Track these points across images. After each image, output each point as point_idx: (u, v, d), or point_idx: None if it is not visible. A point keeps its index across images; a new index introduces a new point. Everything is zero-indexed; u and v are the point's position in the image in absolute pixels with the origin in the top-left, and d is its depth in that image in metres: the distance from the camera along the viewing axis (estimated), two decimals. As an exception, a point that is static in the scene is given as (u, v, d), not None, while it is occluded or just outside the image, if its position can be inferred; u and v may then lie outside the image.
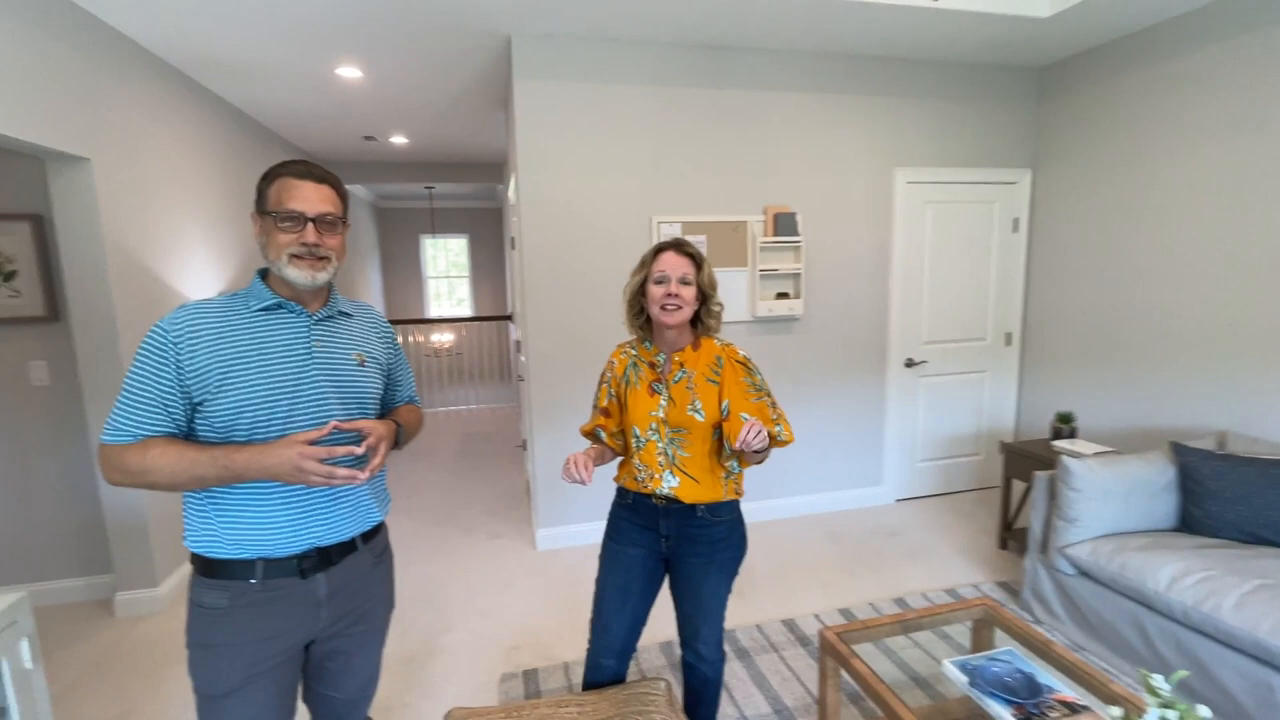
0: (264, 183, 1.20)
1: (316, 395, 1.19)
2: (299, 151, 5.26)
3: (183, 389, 1.11)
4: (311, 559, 1.20)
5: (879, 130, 3.46)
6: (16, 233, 2.64)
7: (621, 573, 1.59)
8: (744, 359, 1.54)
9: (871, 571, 2.98)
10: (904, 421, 3.76)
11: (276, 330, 1.19)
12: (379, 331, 1.38)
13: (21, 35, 2.15)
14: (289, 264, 1.17)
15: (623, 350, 1.64)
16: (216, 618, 1.16)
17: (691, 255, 1.52)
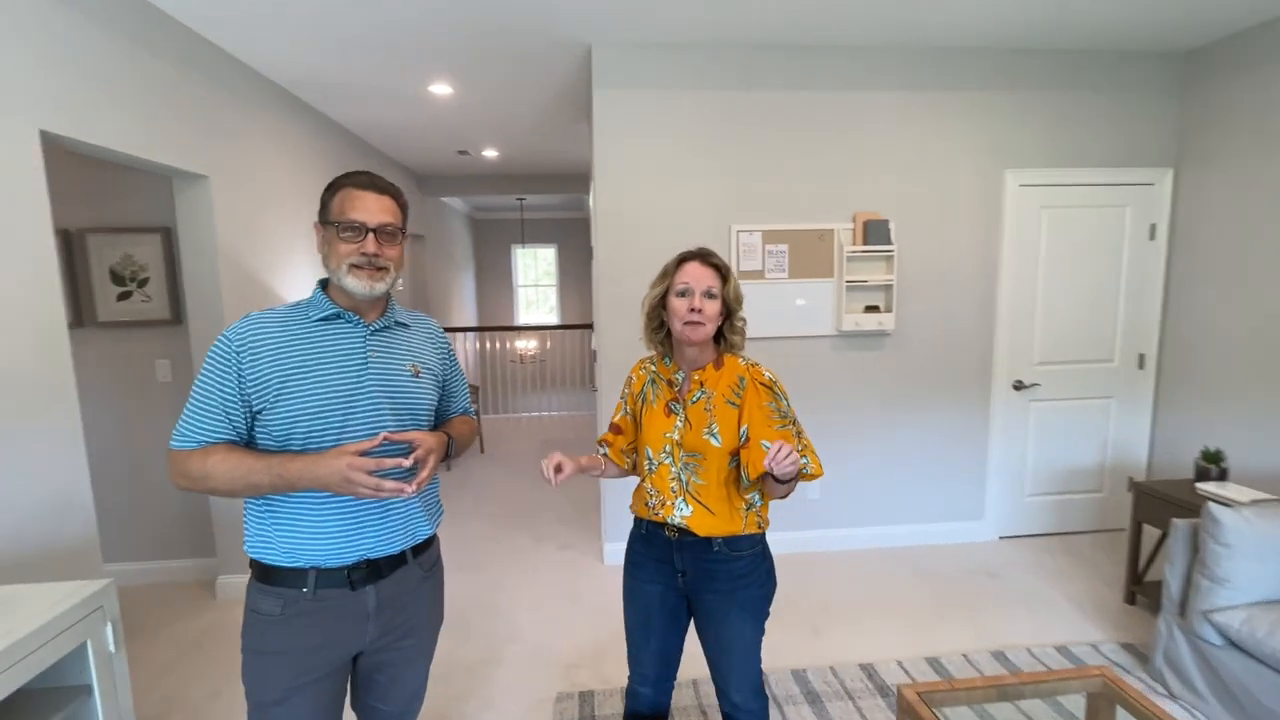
0: (328, 193, 1.21)
1: (370, 405, 1.19)
2: (395, 165, 5.57)
3: (243, 397, 1.13)
4: (361, 570, 1.20)
5: (986, 129, 3.14)
6: (148, 244, 2.93)
7: (640, 609, 1.51)
8: (769, 381, 1.41)
9: (966, 616, 2.68)
10: (1011, 450, 3.38)
11: (333, 340, 1.19)
12: (434, 342, 1.38)
13: (157, 68, 2.37)
14: (348, 274, 1.17)
15: (642, 366, 1.55)
16: (269, 624, 1.18)
17: (717, 266, 1.40)
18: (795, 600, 2.83)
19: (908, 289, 3.19)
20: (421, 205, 6.40)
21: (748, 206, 3.09)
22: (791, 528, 3.31)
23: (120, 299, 2.95)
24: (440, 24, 2.67)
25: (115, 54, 2.17)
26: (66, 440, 1.95)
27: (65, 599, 1.34)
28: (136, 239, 2.92)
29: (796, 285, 3.14)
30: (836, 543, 3.32)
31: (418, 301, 6.45)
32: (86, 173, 2.85)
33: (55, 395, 1.91)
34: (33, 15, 1.86)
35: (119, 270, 2.93)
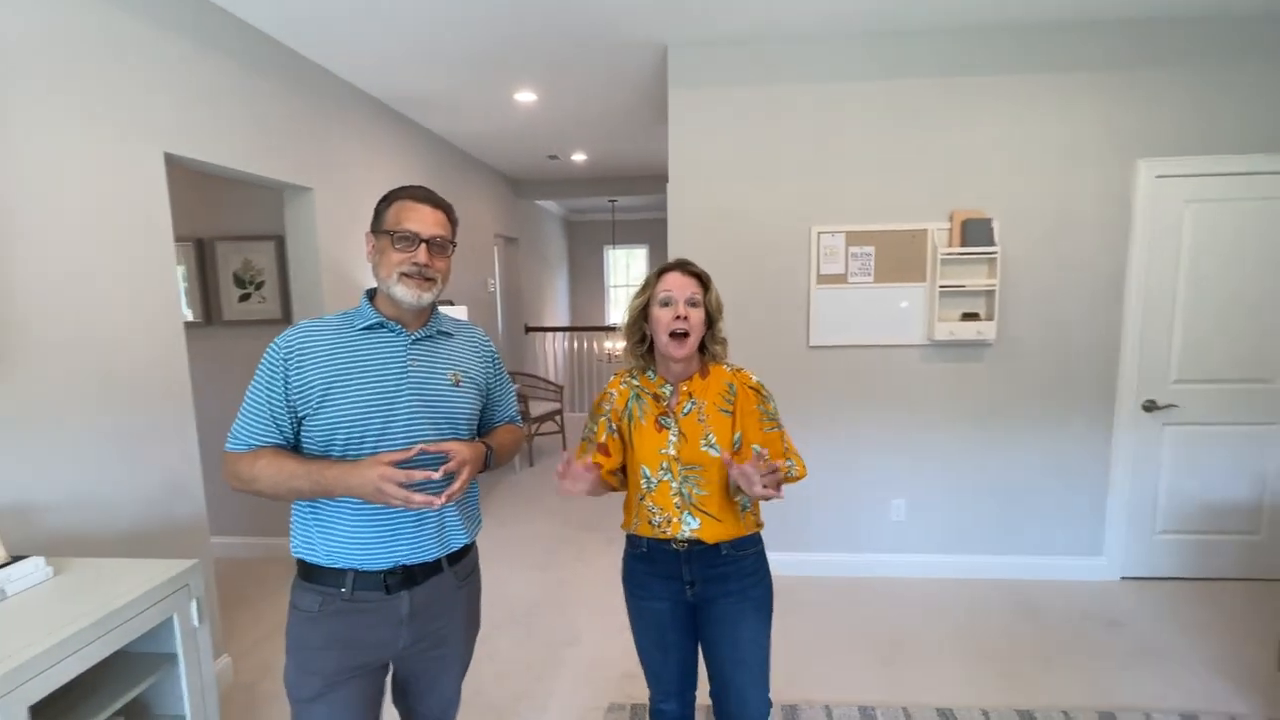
0: (383, 204, 1.26)
1: (408, 414, 1.21)
2: (490, 171, 5.80)
3: (289, 403, 1.18)
4: (397, 576, 1.22)
5: (1114, 113, 2.76)
6: (264, 250, 3.24)
7: (652, 627, 1.48)
8: (757, 385, 1.43)
9: (1074, 667, 2.36)
10: (1139, 480, 2.95)
11: (375, 349, 1.22)
12: (479, 352, 1.39)
13: (265, 88, 2.61)
14: (398, 282, 1.20)
15: (622, 380, 1.48)
16: (308, 621, 1.23)
17: (698, 275, 1.40)
18: (867, 628, 2.64)
19: (1013, 295, 2.87)
20: (515, 208, 6.63)
21: (830, 206, 2.91)
22: (868, 549, 3.09)
23: (241, 300, 3.29)
24: (520, 35, 2.73)
25: (227, 78, 2.40)
26: (180, 431, 2.18)
27: (157, 576, 1.49)
28: (255, 246, 3.24)
29: (883, 290, 2.92)
30: (920, 569, 3.06)
31: (510, 302, 6.71)
32: (215, 187, 3.19)
33: (173, 391, 2.14)
34: (152, 47, 2.08)
35: (240, 274, 3.26)
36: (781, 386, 3.05)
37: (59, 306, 1.76)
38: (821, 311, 2.95)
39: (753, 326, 2.97)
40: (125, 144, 1.96)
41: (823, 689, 2.25)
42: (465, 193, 4.98)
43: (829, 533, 3.10)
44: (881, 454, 3.03)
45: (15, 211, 1.64)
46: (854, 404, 3.01)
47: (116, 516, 1.92)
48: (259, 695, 2.29)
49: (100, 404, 1.87)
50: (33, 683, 1.16)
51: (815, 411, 3.01)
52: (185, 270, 3.27)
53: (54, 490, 1.73)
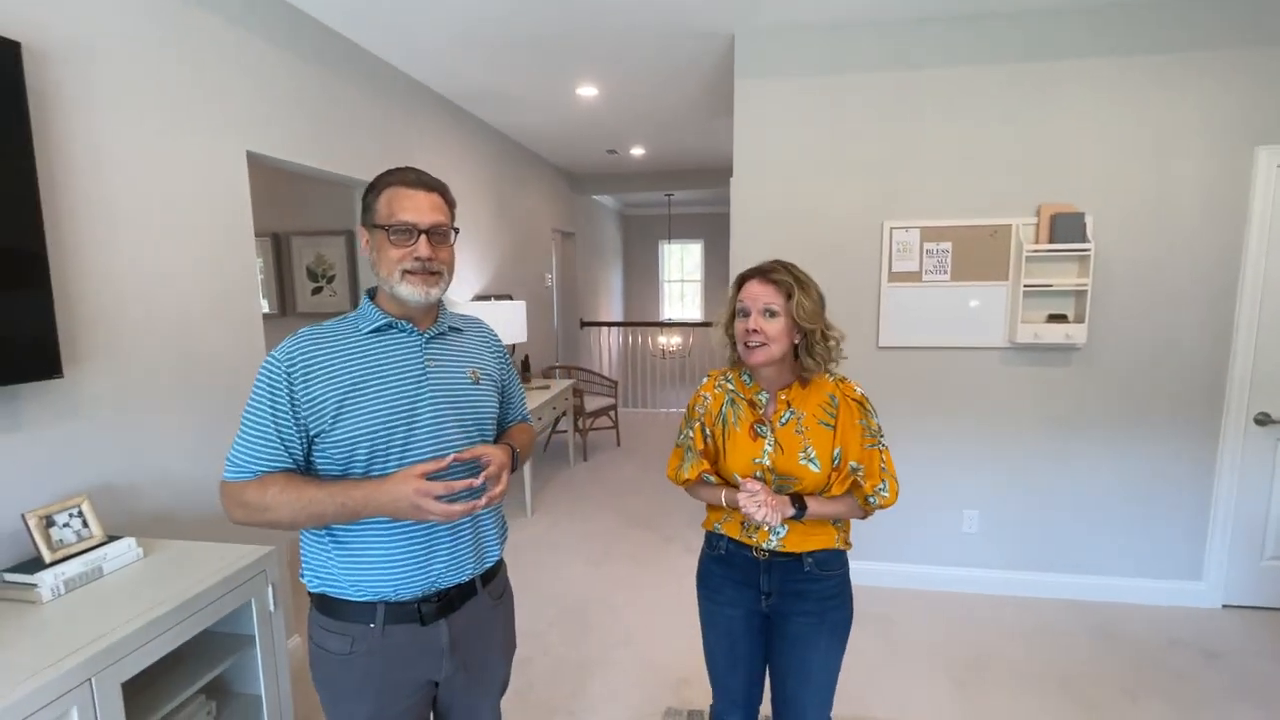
0: (371, 194, 1.11)
1: (433, 417, 1.11)
2: (548, 166, 5.83)
3: (298, 421, 1.05)
4: (432, 603, 1.12)
5: (1228, 96, 2.51)
6: (335, 245, 3.35)
7: (724, 635, 1.42)
8: (861, 397, 1.34)
9: (1167, 703, 2.18)
10: (1247, 499, 2.70)
11: (388, 352, 1.11)
12: (490, 346, 1.30)
13: (336, 87, 2.68)
14: (402, 280, 1.08)
15: (716, 383, 1.42)
16: (341, 664, 1.11)
17: (778, 282, 1.28)
18: (939, 645, 2.51)
19: (1106, 295, 2.66)
20: (572, 203, 6.67)
21: (903, 200, 2.76)
22: (936, 562, 2.94)
23: (314, 293, 3.41)
24: (586, 26, 2.71)
25: (301, 76, 2.47)
26: (258, 417, 2.27)
27: (237, 561, 1.55)
28: (326, 241, 3.35)
29: (960, 289, 2.75)
30: (997, 585, 2.89)
31: (566, 296, 6.76)
32: (291, 184, 3.32)
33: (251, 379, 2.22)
34: (234, 48, 2.16)
35: (313, 268, 3.39)
36: (846, 388, 2.96)
37: (150, 296, 1.85)
38: (893, 311, 2.81)
39: (818, 325, 2.86)
40: (211, 142, 2.05)
41: (891, 708, 2.15)
42: (524, 187, 5.03)
43: (894, 542, 2.97)
44: (953, 462, 2.88)
45: (113, 204, 1.73)
46: (925, 408, 2.86)
47: (197, 499, 2.01)
48: (326, 676, 2.37)
49: (185, 391, 1.96)
50: (126, 660, 1.22)
51: (883, 415, 2.82)
52: (263, 263, 3.42)
53: (142, 472, 1.82)
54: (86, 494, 1.56)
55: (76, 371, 1.62)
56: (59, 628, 1.24)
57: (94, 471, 1.67)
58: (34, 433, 1.53)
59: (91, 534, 1.49)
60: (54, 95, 1.57)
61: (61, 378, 1.52)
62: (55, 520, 1.44)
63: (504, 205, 4.42)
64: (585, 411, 5.15)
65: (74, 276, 1.62)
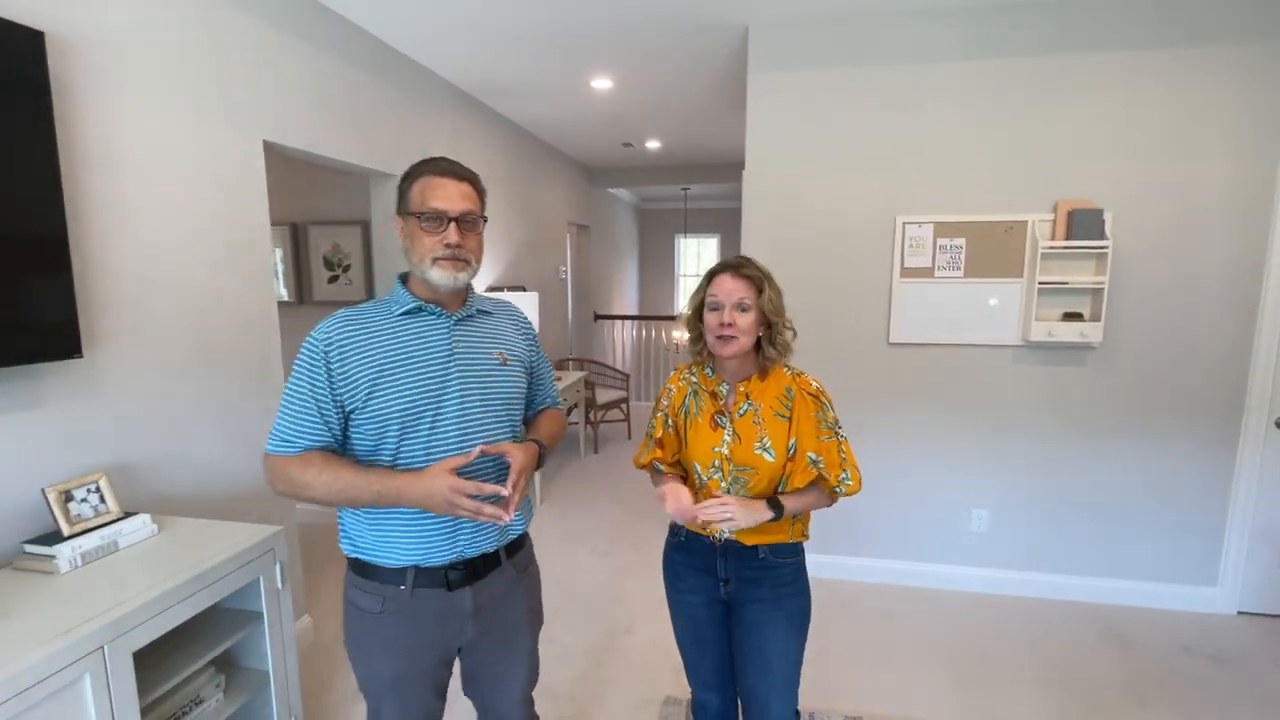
0: (406, 183, 1.17)
1: (459, 397, 1.17)
2: (565, 158, 5.85)
3: (335, 398, 1.12)
4: (459, 570, 1.19)
5: (1253, 90, 2.44)
6: (351, 235, 3.40)
7: (688, 621, 1.47)
8: (817, 391, 1.38)
9: (1174, 707, 2.15)
10: (1266, 504, 2.64)
11: (418, 334, 1.17)
12: (519, 328, 1.35)
13: (354, 78, 2.72)
14: (433, 266, 1.14)
15: (681, 376, 1.48)
16: (371, 622, 1.19)
17: (750, 277, 1.33)
18: (945, 644, 2.49)
19: (1124, 294, 2.61)
20: (589, 197, 6.68)
21: (917, 195, 2.73)
22: (944, 560, 2.92)
23: (330, 281, 3.47)
24: (597, 17, 2.71)
25: (320, 67, 2.51)
26: (271, 403, 2.31)
27: (247, 539, 1.59)
28: (343, 230, 3.40)
29: (973, 286, 2.72)
30: (1005, 586, 2.86)
31: (580, 289, 6.78)
32: (309, 174, 3.37)
33: (265, 365, 2.28)
34: (254, 38, 2.20)
35: (329, 257, 3.45)
36: (859, 384, 2.94)
37: (168, 281, 1.89)
38: (904, 307, 2.79)
39: (830, 321, 2.85)
40: (229, 131, 2.09)
41: (894, 706, 2.15)
42: (540, 180, 5.05)
43: (900, 539, 2.95)
44: (963, 460, 2.85)
45: (133, 191, 1.78)
46: (936, 405, 2.84)
47: (212, 480, 2.06)
48: (337, 657, 2.42)
49: (201, 374, 2.02)
50: (138, 630, 1.26)
51: (894, 411, 2.86)
52: (281, 253, 3.48)
53: (157, 451, 1.87)
54: (104, 471, 1.61)
55: (96, 353, 1.67)
56: (75, 598, 1.29)
57: (111, 450, 1.73)
58: (55, 411, 1.58)
59: (108, 510, 1.54)
60: (76, 84, 1.62)
61: (81, 358, 1.57)
62: (74, 495, 1.49)
63: (520, 197, 4.44)
64: (597, 404, 5.18)
65: (94, 260, 1.67)
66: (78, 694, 1.15)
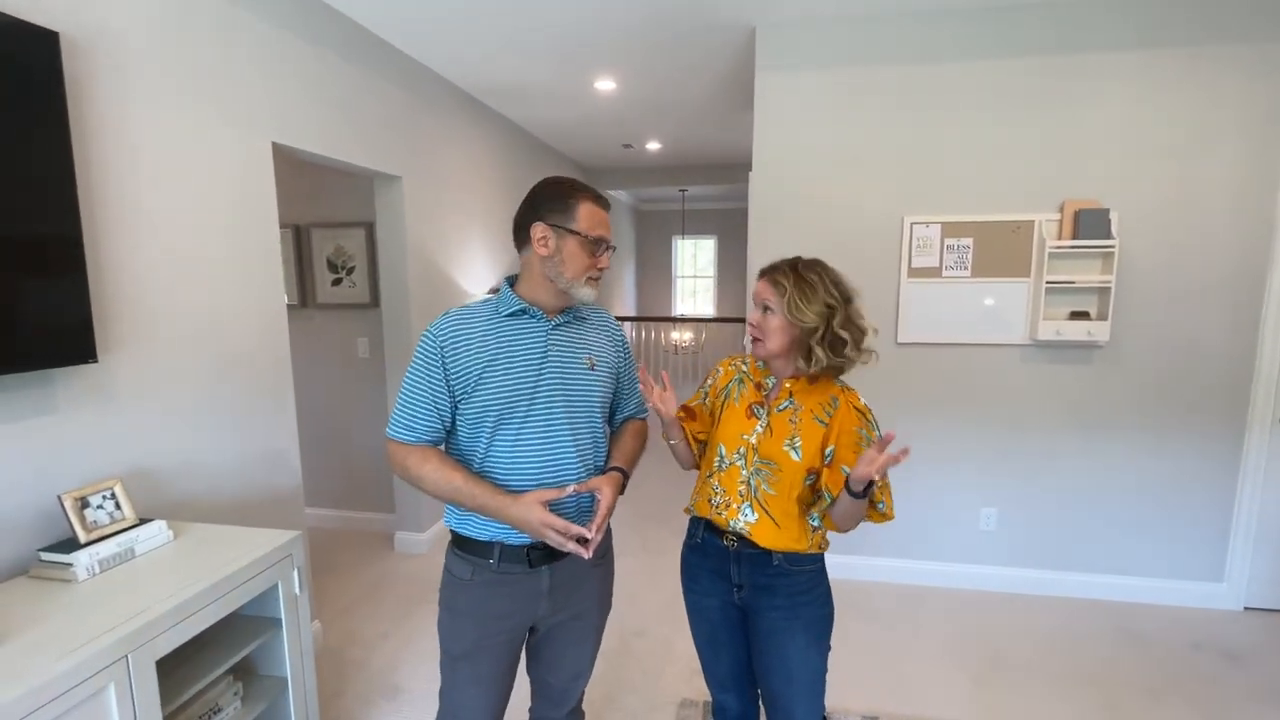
0: (568, 200, 1.25)
1: (547, 397, 1.25)
2: (564, 160, 5.83)
3: (449, 388, 1.23)
4: (539, 551, 1.27)
5: (1259, 89, 2.46)
6: (355, 237, 3.37)
7: (704, 622, 1.45)
8: (864, 407, 1.35)
9: (1189, 705, 2.16)
10: (1270, 500, 2.66)
11: (520, 335, 1.26)
12: (610, 336, 1.41)
13: (361, 79, 2.70)
14: (585, 284, 1.26)
15: (732, 362, 1.50)
16: (461, 587, 1.30)
17: (776, 282, 1.31)
18: (957, 643, 2.50)
19: (1130, 293, 2.63)
20: (588, 198, 6.66)
21: (924, 195, 2.74)
22: (953, 559, 2.93)
23: (334, 284, 3.44)
24: (605, 18, 2.70)
25: (327, 70, 2.49)
26: (281, 407, 2.29)
27: (265, 544, 1.57)
28: (346, 232, 3.38)
29: (981, 285, 2.73)
30: (1015, 584, 2.87)
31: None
32: (312, 176, 3.34)
33: (275, 369, 2.26)
34: (261, 41, 2.18)
35: (333, 259, 3.42)
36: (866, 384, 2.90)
37: (176, 286, 1.87)
38: (912, 306, 2.80)
39: (836, 321, 2.85)
40: (238, 133, 2.07)
41: (909, 705, 2.15)
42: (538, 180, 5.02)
43: (910, 539, 2.95)
44: (972, 459, 2.86)
45: (146, 194, 1.76)
46: (944, 404, 2.85)
47: (223, 485, 2.04)
48: (348, 661, 2.40)
49: (211, 379, 1.99)
50: (160, 639, 1.24)
51: (902, 411, 2.87)
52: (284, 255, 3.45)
53: (170, 457, 1.85)
54: (119, 477, 1.59)
55: (111, 358, 1.65)
56: (94, 606, 1.27)
57: (126, 455, 1.70)
58: (70, 416, 1.56)
59: (124, 516, 1.52)
60: (89, 85, 1.60)
61: (96, 362, 1.55)
62: (90, 502, 1.47)
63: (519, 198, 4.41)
64: (599, 405, 5.15)
65: (108, 264, 1.65)
66: (103, 703, 1.13)
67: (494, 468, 1.25)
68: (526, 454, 1.24)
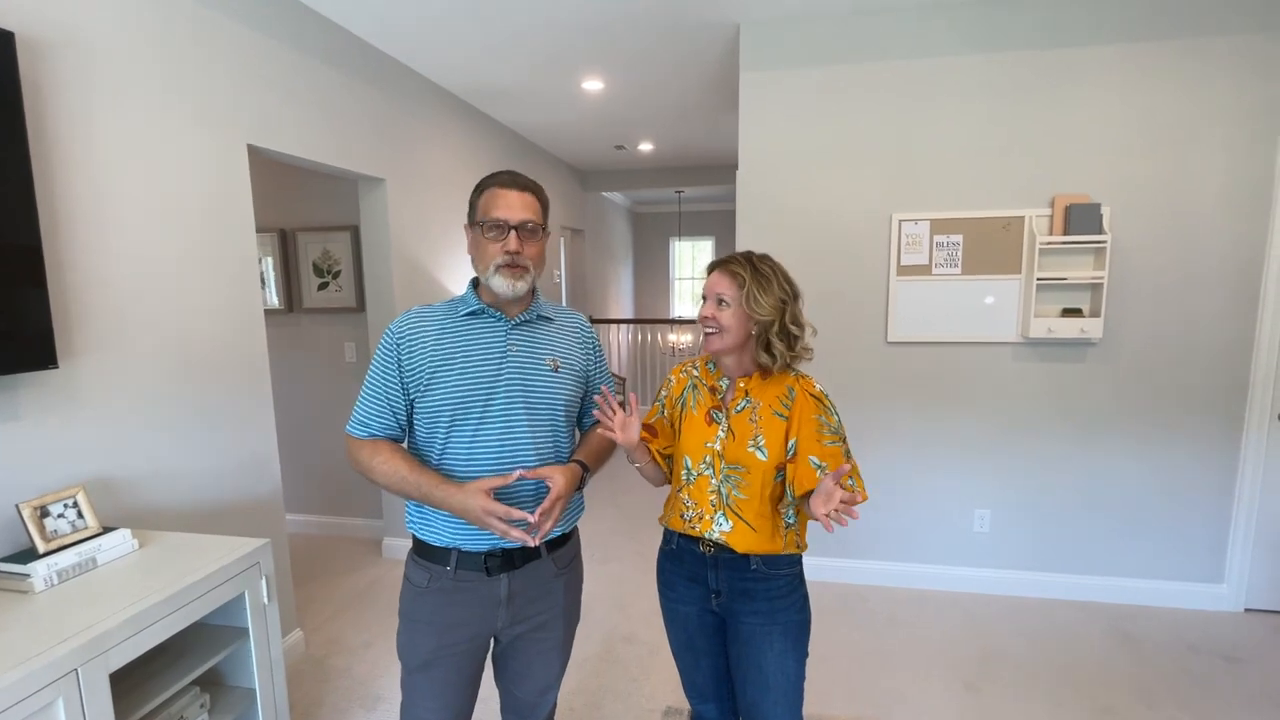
0: (475, 195, 1.26)
1: (506, 398, 1.23)
2: (558, 163, 5.82)
3: (403, 386, 1.22)
4: (497, 558, 1.24)
5: (1251, 82, 2.42)
6: (341, 241, 3.35)
7: (681, 630, 1.42)
8: (820, 393, 1.32)
9: (1185, 708, 2.11)
10: (1271, 499, 2.61)
11: (477, 335, 1.25)
12: (579, 338, 1.38)
13: (341, 81, 2.67)
14: (495, 273, 1.21)
15: (683, 369, 1.46)
16: (417, 594, 1.28)
17: (735, 274, 1.29)
18: (950, 646, 2.45)
19: (1123, 289, 2.58)
20: (582, 201, 6.65)
21: (913, 192, 2.71)
22: (947, 561, 2.88)
23: (320, 289, 3.42)
24: (590, 17, 2.68)
25: (305, 71, 2.47)
26: (259, 412, 2.26)
27: (230, 553, 1.54)
28: (333, 236, 3.35)
29: (971, 283, 2.69)
30: (1009, 586, 2.82)
31: (575, 293, 6.74)
32: (298, 179, 3.32)
33: (252, 374, 2.23)
34: (237, 41, 2.15)
35: (319, 264, 3.39)
36: (858, 384, 2.90)
37: (146, 289, 1.84)
38: (902, 305, 2.76)
39: (827, 320, 2.81)
40: (211, 135, 2.04)
41: (897, 710, 2.11)
42: (533, 184, 5.00)
43: (902, 541, 2.91)
44: (965, 460, 2.81)
45: (110, 197, 1.73)
46: (935, 404, 2.80)
47: (197, 492, 2.01)
48: (329, 670, 2.37)
49: (183, 384, 1.96)
50: (114, 651, 1.21)
51: (893, 411, 2.83)
52: (272, 260, 3.43)
53: (140, 464, 1.82)
54: (82, 485, 1.56)
55: (73, 363, 1.62)
56: (49, 618, 1.23)
57: (90, 463, 1.67)
58: (30, 423, 1.53)
59: (87, 525, 1.49)
60: (49, 87, 1.57)
61: (57, 368, 1.52)
62: (50, 511, 1.44)
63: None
64: (593, 408, 5.12)
65: (70, 268, 1.62)
66: (51, 718, 1.10)
67: (451, 466, 1.23)
68: (483, 453, 1.22)
